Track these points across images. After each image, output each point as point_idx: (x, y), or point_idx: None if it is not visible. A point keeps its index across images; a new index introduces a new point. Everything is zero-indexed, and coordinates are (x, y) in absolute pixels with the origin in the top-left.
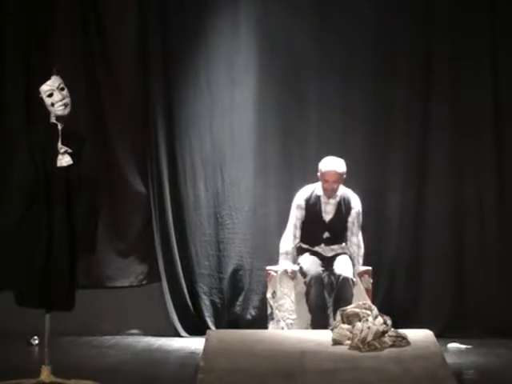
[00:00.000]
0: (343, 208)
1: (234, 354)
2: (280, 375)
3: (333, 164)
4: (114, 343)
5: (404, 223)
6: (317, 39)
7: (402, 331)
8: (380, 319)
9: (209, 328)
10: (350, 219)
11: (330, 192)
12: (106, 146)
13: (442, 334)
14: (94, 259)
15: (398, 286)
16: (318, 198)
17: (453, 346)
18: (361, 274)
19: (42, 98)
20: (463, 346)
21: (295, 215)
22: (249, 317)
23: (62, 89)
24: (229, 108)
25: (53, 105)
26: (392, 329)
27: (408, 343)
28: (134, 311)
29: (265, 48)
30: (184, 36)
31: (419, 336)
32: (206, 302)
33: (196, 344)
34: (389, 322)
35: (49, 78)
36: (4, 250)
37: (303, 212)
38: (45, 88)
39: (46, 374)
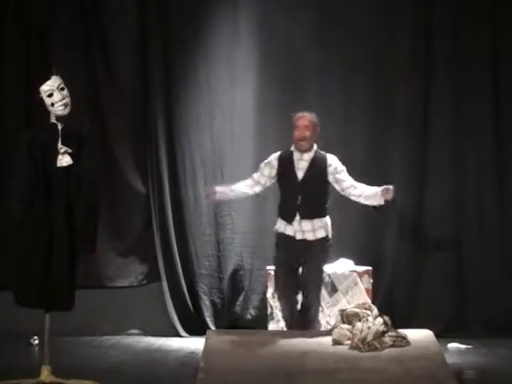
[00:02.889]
0: (317, 164)
1: (233, 354)
2: (280, 375)
3: (305, 113)
4: (114, 343)
5: (404, 223)
6: (317, 39)
7: (402, 331)
8: (380, 319)
9: (209, 328)
10: (330, 178)
11: (301, 140)
12: (105, 145)
13: (442, 334)
14: (94, 259)
15: (398, 286)
16: (291, 153)
17: (453, 345)
18: (361, 275)
19: (41, 98)
20: (463, 346)
21: (260, 170)
22: (249, 317)
23: (62, 89)
24: (229, 108)
25: (53, 105)
26: (392, 329)
27: (408, 343)
28: (134, 311)
29: (265, 48)
30: (184, 36)
31: (419, 336)
32: (205, 301)
33: (196, 344)
34: (389, 322)
35: (49, 78)
36: (4, 250)
37: (273, 171)
38: (45, 88)
39: (45, 373)
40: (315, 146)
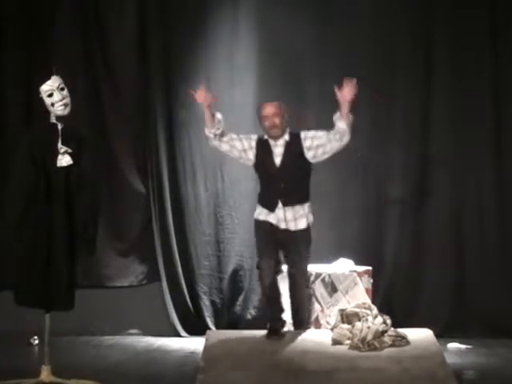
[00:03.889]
0: (292, 146)
1: (233, 354)
2: (280, 375)
3: (268, 102)
4: (114, 343)
5: (404, 224)
6: (317, 39)
7: (401, 331)
8: (380, 319)
9: (209, 328)
10: (310, 154)
11: (272, 128)
12: (105, 145)
13: (442, 334)
14: (94, 259)
15: (398, 286)
16: (266, 141)
17: (453, 345)
18: (361, 274)
19: (41, 98)
20: (463, 346)
21: (239, 139)
22: (249, 317)
23: (62, 89)
24: (228, 108)
25: (53, 105)
26: (392, 328)
27: (408, 343)
28: (134, 311)
29: (264, 48)
30: (183, 36)
31: (419, 336)
32: (205, 302)
33: (196, 344)
34: (388, 321)
35: (49, 78)
36: (4, 250)
37: (249, 152)
38: (45, 88)
39: (45, 373)
40: (287, 130)
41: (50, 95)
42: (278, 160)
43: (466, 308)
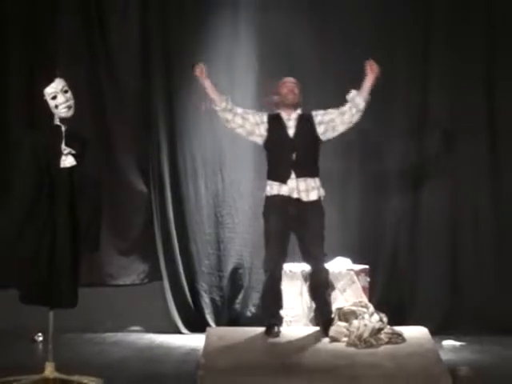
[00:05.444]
0: (304, 121)
1: (234, 351)
2: (279, 372)
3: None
4: (116, 340)
5: (401, 223)
6: (315, 42)
7: (397, 328)
8: (376, 316)
9: (209, 325)
10: (321, 129)
11: (290, 94)
12: (108, 147)
13: (437, 332)
14: (97, 258)
15: (394, 285)
16: (278, 115)
17: (447, 342)
18: (358, 273)
19: (45, 100)
20: (458, 343)
21: (250, 113)
22: (248, 314)
23: (66, 91)
24: None
25: (56, 107)
26: (388, 326)
27: (403, 340)
28: (136, 309)
29: (264, 50)
30: (184, 40)
31: (414, 333)
32: (206, 299)
33: (196, 341)
34: (385, 319)
35: (53, 81)
36: (9, 250)
37: (262, 126)
38: (49, 90)
39: (49, 369)
40: (300, 109)
41: (54, 97)
42: (291, 132)
43: (460, 306)
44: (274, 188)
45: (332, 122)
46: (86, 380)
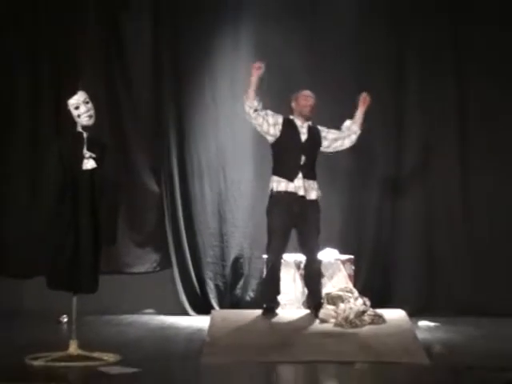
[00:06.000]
0: (312, 132)
1: (235, 330)
2: (275, 348)
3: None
4: (132, 321)
5: (382, 218)
6: (312, 55)
7: (379, 311)
8: (360, 300)
9: (213, 308)
10: (325, 143)
11: (306, 107)
12: (125, 151)
13: (414, 314)
14: (115, 249)
15: (376, 272)
16: (292, 120)
17: (423, 323)
18: (344, 262)
19: (69, 111)
20: (432, 324)
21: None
22: (248, 298)
23: (87, 102)
24: (231, 118)
25: (79, 116)
26: (370, 309)
27: (384, 321)
28: (149, 293)
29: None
30: (193, 57)
31: (394, 315)
32: (211, 285)
33: (202, 322)
34: (368, 302)
35: (76, 93)
36: (39, 243)
37: (277, 127)
38: (72, 102)
39: (73, 347)
40: (310, 122)
41: (77, 108)
42: (303, 137)
43: (435, 291)
44: (281, 184)
45: (335, 143)
46: (106, 356)
